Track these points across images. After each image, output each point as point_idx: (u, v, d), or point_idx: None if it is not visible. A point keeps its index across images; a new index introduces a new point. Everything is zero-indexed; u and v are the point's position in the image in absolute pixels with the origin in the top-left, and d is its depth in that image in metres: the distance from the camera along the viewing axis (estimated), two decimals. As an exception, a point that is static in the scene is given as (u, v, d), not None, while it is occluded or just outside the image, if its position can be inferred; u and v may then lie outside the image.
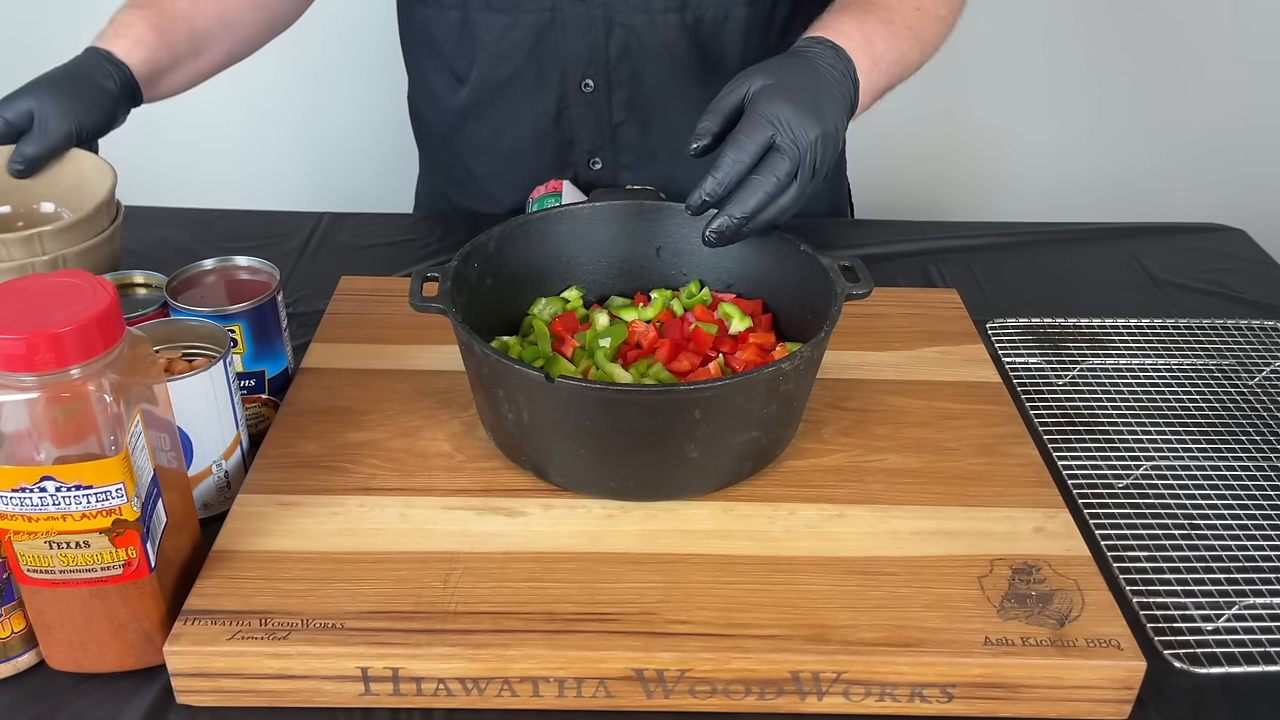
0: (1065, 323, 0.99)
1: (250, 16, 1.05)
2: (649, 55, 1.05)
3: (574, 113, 1.09)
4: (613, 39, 1.05)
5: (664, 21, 1.04)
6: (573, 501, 0.74)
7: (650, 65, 1.06)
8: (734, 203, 0.76)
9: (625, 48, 1.05)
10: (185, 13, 0.98)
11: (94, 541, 0.60)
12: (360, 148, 1.84)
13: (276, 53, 1.41)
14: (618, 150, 1.11)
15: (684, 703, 0.64)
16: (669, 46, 1.05)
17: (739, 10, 1.05)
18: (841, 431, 0.81)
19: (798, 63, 0.82)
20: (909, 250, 1.13)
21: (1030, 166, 1.96)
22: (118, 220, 0.92)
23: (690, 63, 1.06)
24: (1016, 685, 0.64)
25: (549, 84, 1.08)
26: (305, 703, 0.64)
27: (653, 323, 0.85)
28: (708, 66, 1.07)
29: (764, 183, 0.76)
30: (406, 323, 0.89)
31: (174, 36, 0.97)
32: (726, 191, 0.76)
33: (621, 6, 1.03)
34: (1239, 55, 1.86)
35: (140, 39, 0.94)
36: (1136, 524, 0.76)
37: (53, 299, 0.58)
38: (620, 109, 1.09)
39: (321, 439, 0.79)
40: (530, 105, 1.10)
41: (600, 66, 1.06)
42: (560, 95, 1.08)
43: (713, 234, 0.77)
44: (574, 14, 1.04)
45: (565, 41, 1.05)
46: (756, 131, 0.76)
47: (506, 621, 0.65)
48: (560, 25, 1.04)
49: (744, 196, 0.76)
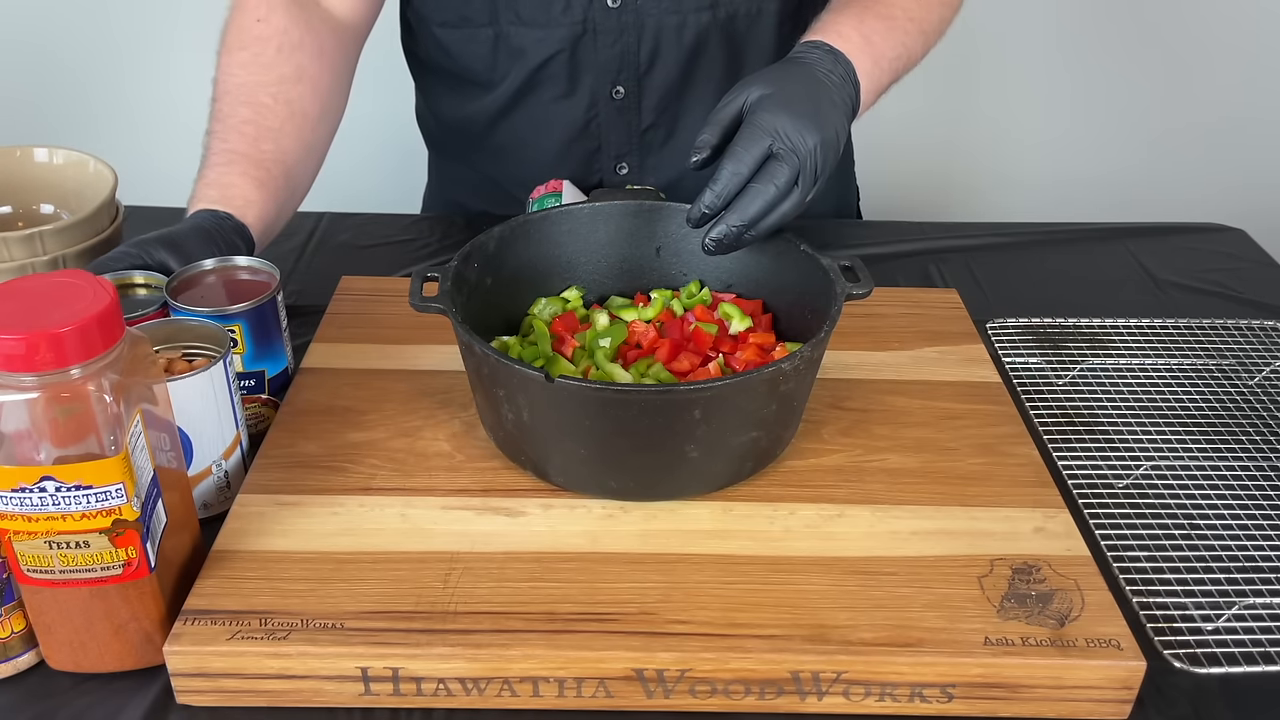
0: (1065, 323, 0.99)
1: (325, 130, 0.99)
2: (679, 57, 1.05)
3: (602, 119, 1.08)
4: (644, 44, 1.04)
5: (695, 21, 1.03)
6: (573, 501, 0.74)
7: (681, 66, 1.05)
8: (734, 211, 0.76)
9: (655, 51, 1.04)
10: (276, 155, 0.92)
11: (94, 541, 0.60)
12: (361, 148, 1.83)
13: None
14: (645, 153, 1.10)
15: (684, 703, 0.64)
16: (699, 45, 1.05)
17: (770, 4, 1.04)
18: (841, 431, 0.81)
19: (795, 70, 0.82)
20: (909, 250, 1.13)
21: (1030, 166, 1.96)
22: (118, 220, 0.92)
23: (719, 60, 1.06)
24: (1016, 685, 0.64)
25: (580, 94, 1.07)
26: (305, 703, 0.64)
27: (653, 323, 0.85)
28: (735, 63, 1.07)
29: (764, 190, 0.76)
30: (406, 323, 0.89)
31: (275, 185, 0.91)
32: (725, 203, 0.76)
33: (654, 9, 1.02)
34: (1239, 55, 1.86)
35: (249, 200, 0.88)
36: (1136, 524, 0.76)
37: (53, 299, 0.58)
38: (649, 113, 1.08)
39: (321, 439, 0.79)
40: (560, 115, 1.09)
41: (631, 73, 1.05)
42: (590, 104, 1.08)
43: (711, 242, 0.77)
44: (606, 22, 1.03)
45: (598, 51, 1.04)
46: (754, 143, 0.76)
47: (506, 621, 0.65)
48: (592, 35, 1.03)
49: (744, 204, 0.76)
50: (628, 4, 1.02)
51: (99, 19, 1.80)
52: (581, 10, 1.02)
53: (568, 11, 1.02)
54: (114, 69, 1.83)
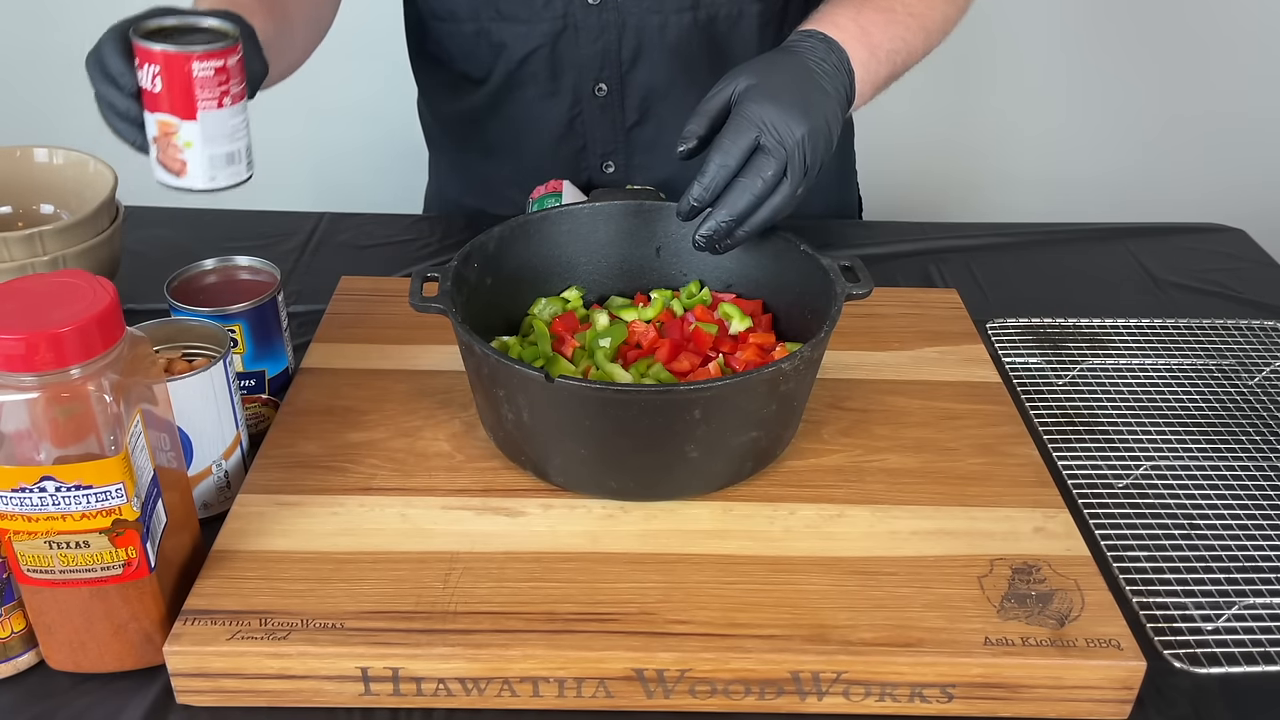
0: (1065, 323, 0.99)
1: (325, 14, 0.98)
2: (662, 56, 1.05)
3: (586, 117, 1.09)
4: (625, 42, 1.04)
5: (677, 21, 1.03)
6: (573, 501, 0.74)
7: (663, 66, 1.06)
8: (722, 206, 0.76)
9: (638, 50, 1.05)
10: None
11: (94, 541, 0.60)
12: (361, 148, 1.84)
13: (276, 53, 1.39)
14: (631, 152, 1.11)
15: (684, 703, 0.64)
16: (682, 45, 1.05)
17: (751, 6, 1.04)
18: (841, 431, 0.81)
19: (785, 60, 0.82)
20: (909, 250, 1.13)
21: (1030, 166, 1.96)
22: (118, 220, 0.92)
23: (704, 60, 1.06)
24: (1016, 685, 0.64)
25: (563, 91, 1.07)
26: (305, 703, 0.64)
27: (653, 323, 0.85)
28: (721, 63, 1.06)
29: (750, 184, 0.75)
30: (406, 323, 0.89)
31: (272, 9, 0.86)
32: (714, 196, 0.76)
33: (634, 9, 1.02)
34: (1240, 55, 1.86)
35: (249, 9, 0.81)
36: (1136, 524, 0.76)
37: (53, 299, 0.58)
38: (633, 111, 1.08)
39: (321, 439, 0.79)
40: (544, 112, 1.09)
41: (614, 70, 1.06)
42: (573, 101, 1.08)
43: (701, 238, 0.77)
44: (587, 20, 1.03)
45: (579, 48, 1.05)
46: (740, 135, 0.75)
47: (506, 621, 0.65)
48: (573, 31, 1.04)
49: (732, 199, 0.76)
50: (608, 2, 1.02)
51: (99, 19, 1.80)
52: (562, 6, 1.02)
53: (549, 7, 1.02)
54: (114, 69, 1.83)
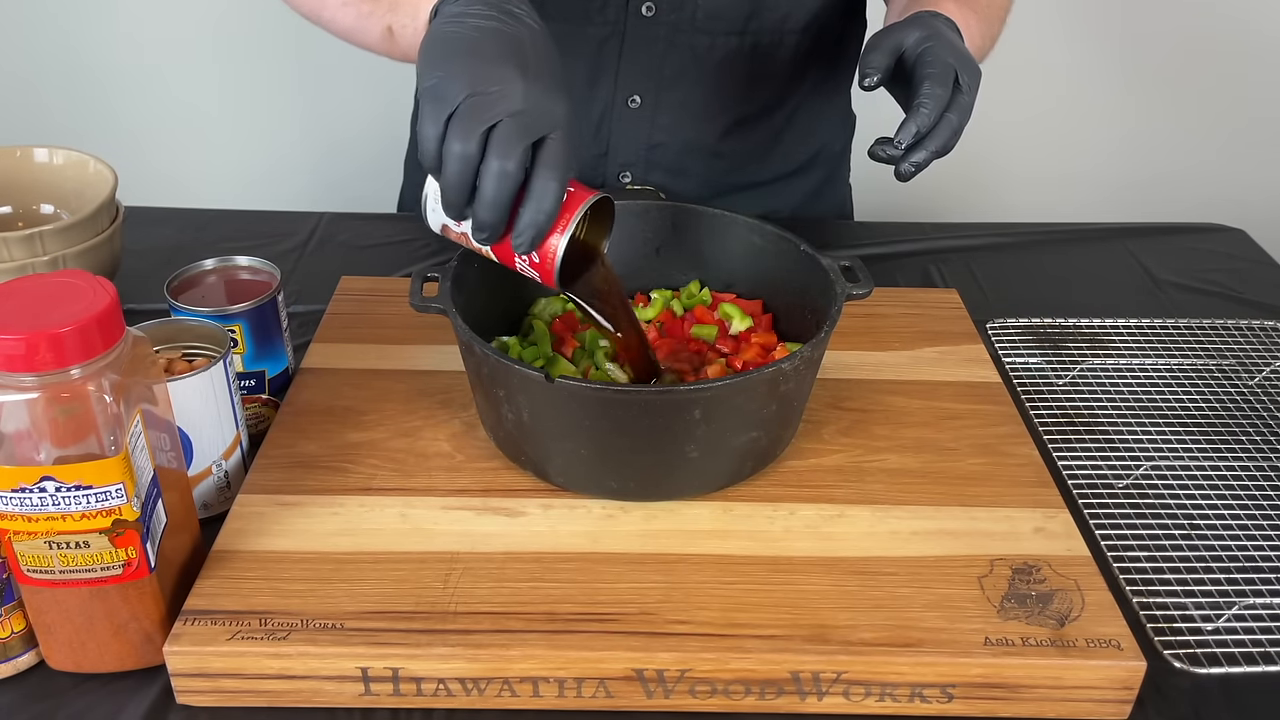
0: (1065, 323, 0.99)
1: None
2: (701, 75, 1.05)
3: (614, 126, 1.08)
4: (669, 59, 1.04)
5: (724, 44, 1.04)
6: (573, 501, 0.74)
7: (700, 85, 1.06)
8: (933, 140, 0.78)
9: (681, 68, 1.05)
10: None
11: (94, 542, 0.60)
12: (361, 149, 1.84)
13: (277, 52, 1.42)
14: (650, 166, 1.10)
15: (684, 703, 0.64)
16: (723, 68, 1.05)
17: (792, 38, 1.05)
18: (841, 431, 0.81)
19: (937, 23, 0.84)
20: (909, 250, 1.13)
21: (1030, 166, 1.96)
22: (118, 220, 0.92)
23: (739, 84, 1.07)
24: (1016, 685, 0.64)
25: (598, 95, 1.07)
26: (305, 703, 0.64)
27: (653, 323, 0.85)
28: (753, 88, 1.08)
29: (955, 122, 0.78)
30: (406, 323, 0.89)
31: None
32: (927, 132, 0.78)
33: (686, 27, 1.02)
34: (1239, 55, 1.86)
35: None
36: (1136, 524, 0.76)
37: (53, 299, 0.58)
38: (662, 126, 1.08)
39: (321, 439, 0.79)
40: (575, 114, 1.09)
41: (651, 84, 1.05)
42: (605, 108, 1.07)
43: (913, 165, 0.78)
44: (636, 30, 1.03)
45: (623, 56, 1.04)
46: (945, 79, 0.79)
47: (506, 621, 0.65)
48: (618, 39, 1.03)
49: (939, 135, 0.78)
50: (662, 17, 1.02)
51: (99, 19, 1.80)
52: (614, 12, 1.02)
53: (602, 12, 1.02)
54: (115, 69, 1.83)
